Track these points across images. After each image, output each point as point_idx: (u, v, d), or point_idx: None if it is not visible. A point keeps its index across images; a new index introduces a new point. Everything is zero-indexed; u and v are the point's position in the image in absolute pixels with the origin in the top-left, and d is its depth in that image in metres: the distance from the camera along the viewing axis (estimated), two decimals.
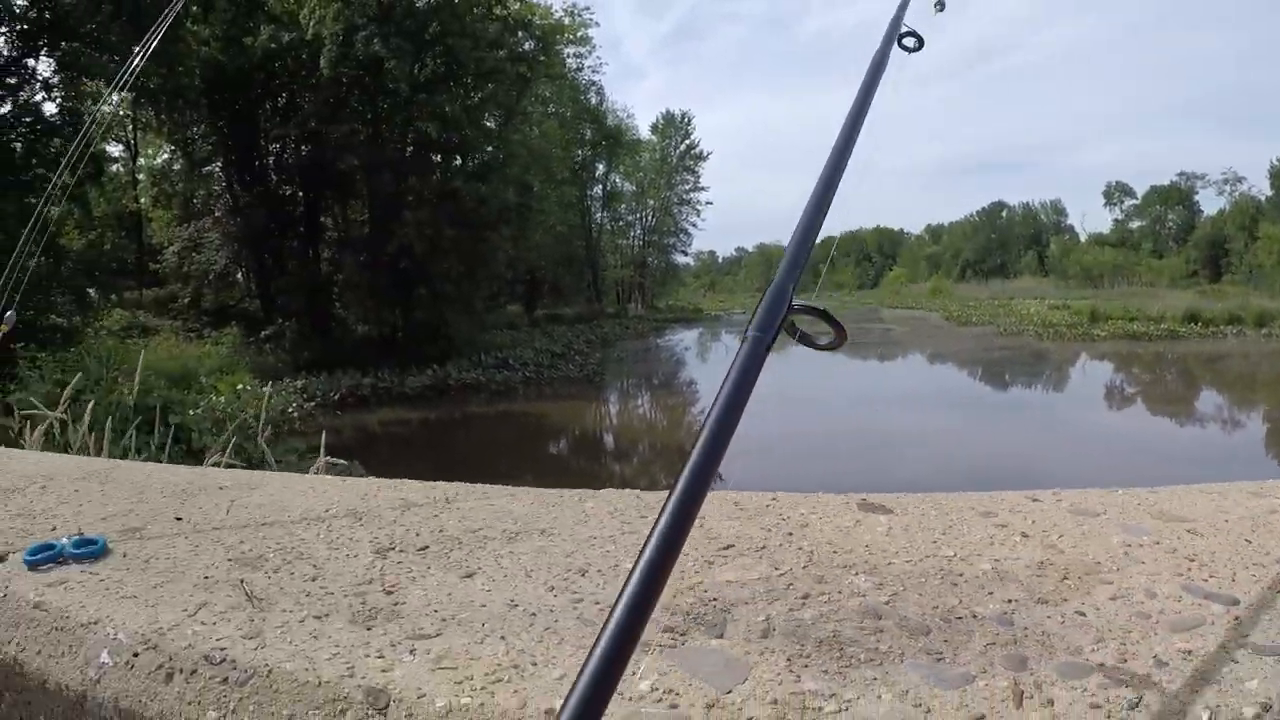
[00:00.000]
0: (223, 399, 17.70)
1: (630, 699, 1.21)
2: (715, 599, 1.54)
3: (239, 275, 38.58)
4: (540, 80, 40.83)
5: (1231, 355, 36.21)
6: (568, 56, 50.38)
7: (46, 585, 1.75)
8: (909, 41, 1.41)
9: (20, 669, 1.63)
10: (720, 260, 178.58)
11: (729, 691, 1.21)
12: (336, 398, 25.63)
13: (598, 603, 1.56)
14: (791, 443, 17.04)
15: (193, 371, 21.00)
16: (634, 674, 1.26)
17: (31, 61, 23.87)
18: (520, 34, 36.98)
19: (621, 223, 75.58)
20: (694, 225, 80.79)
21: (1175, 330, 42.34)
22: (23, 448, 5.60)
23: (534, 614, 1.52)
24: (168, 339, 27.63)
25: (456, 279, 33.29)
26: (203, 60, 29.30)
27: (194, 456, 12.62)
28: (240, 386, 19.48)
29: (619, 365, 39.72)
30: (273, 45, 31.62)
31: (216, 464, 5.51)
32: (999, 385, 31.35)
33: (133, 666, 1.47)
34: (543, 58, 39.07)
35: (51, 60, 24.01)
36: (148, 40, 2.33)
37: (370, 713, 1.26)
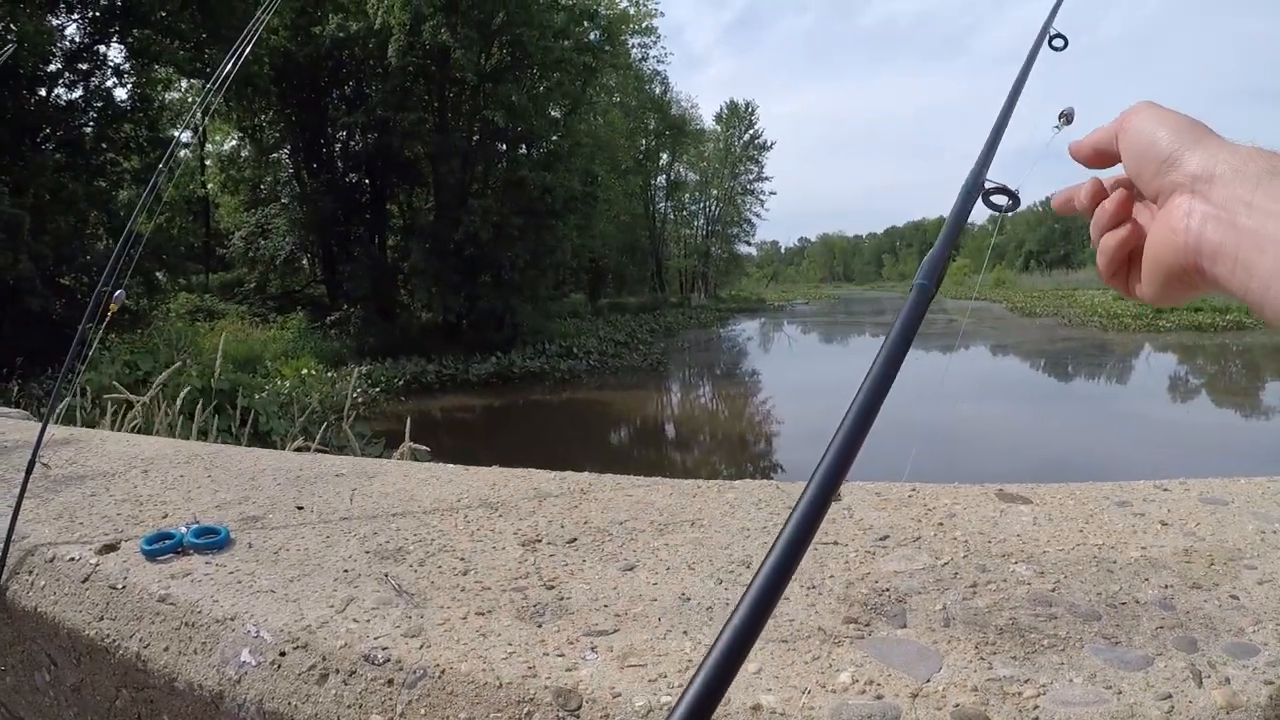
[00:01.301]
0: (287, 383, 17.92)
1: (833, 691, 1.19)
2: (888, 589, 1.52)
3: (305, 261, 39.11)
4: (605, 70, 41.23)
5: None
6: (632, 47, 50.88)
7: (170, 577, 1.67)
8: (1058, 42, 1.33)
9: (143, 666, 1.55)
10: (783, 250, 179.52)
11: (928, 680, 1.20)
12: (401, 384, 25.77)
13: None
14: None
15: (258, 355, 21.32)
16: (830, 665, 1.25)
17: (103, 48, 24.21)
18: (586, 24, 37.34)
19: (685, 212, 76.32)
20: (757, 215, 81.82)
21: (1241, 321, 41.43)
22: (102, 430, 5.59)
23: (709, 608, 1.48)
24: (234, 323, 28.06)
25: (522, 267, 33.66)
26: (272, 49, 29.66)
27: (260, 439, 12.74)
28: (305, 371, 19.73)
29: (683, 355, 39.86)
30: (341, 34, 32.11)
31: (303, 449, 5.46)
32: (1064, 376, 30.98)
33: (279, 667, 1.39)
34: (608, 48, 39.46)
35: (123, 47, 24.32)
36: (238, 46, 2.30)
37: (562, 715, 1.21)
